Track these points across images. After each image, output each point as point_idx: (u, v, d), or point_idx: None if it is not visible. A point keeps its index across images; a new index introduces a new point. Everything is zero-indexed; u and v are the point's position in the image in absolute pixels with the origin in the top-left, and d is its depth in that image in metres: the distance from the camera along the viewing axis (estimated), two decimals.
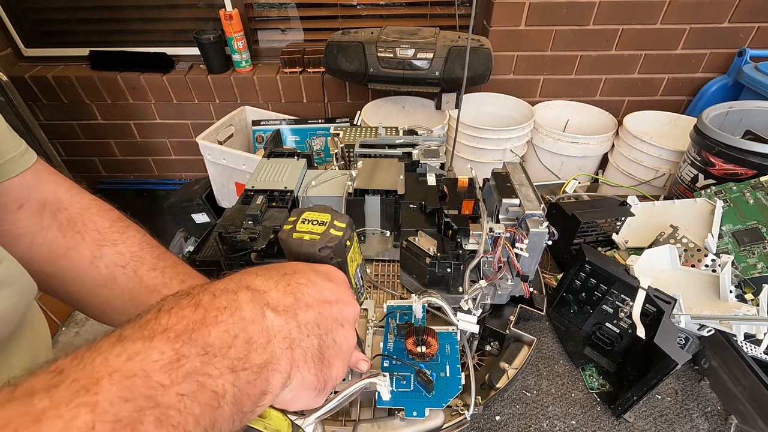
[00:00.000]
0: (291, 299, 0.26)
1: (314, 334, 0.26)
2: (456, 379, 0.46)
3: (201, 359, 0.19)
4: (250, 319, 0.22)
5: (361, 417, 0.48)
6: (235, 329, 0.21)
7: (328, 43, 1.46)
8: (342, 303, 0.29)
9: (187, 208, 1.83)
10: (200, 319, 0.21)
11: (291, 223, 0.35)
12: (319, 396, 0.26)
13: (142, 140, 2.01)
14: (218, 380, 0.19)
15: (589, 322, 0.61)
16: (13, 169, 0.39)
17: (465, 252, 0.54)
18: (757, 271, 0.64)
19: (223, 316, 0.21)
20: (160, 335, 0.19)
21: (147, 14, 1.77)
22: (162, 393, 0.17)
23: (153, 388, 0.17)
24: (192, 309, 0.21)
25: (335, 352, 0.27)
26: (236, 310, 0.22)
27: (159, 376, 0.18)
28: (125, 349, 0.18)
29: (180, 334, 0.19)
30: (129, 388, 0.16)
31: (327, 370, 0.26)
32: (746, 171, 0.87)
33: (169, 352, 0.18)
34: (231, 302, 0.22)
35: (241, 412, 0.21)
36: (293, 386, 0.24)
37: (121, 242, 0.44)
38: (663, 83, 1.77)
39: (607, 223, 0.73)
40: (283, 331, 0.24)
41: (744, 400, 0.52)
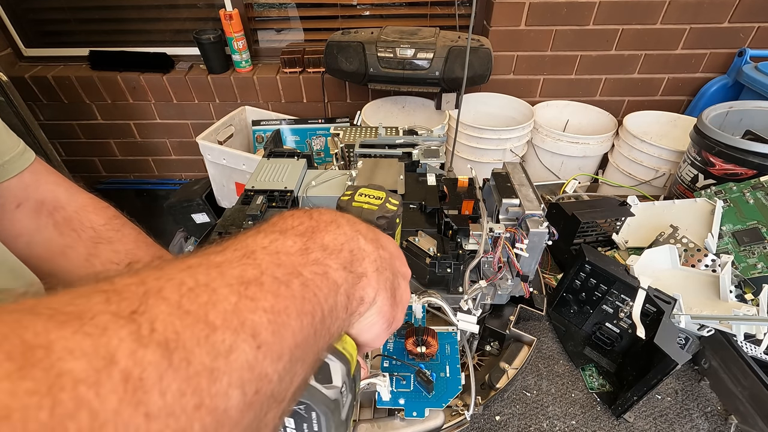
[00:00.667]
0: (374, 235, 0.28)
1: (389, 270, 0.27)
2: (456, 379, 0.46)
3: (322, 253, 0.22)
4: (350, 236, 0.25)
5: (361, 417, 0.48)
6: (341, 239, 0.24)
7: (328, 43, 1.46)
8: (401, 261, 0.31)
9: (187, 208, 1.83)
10: (315, 225, 0.24)
11: (349, 195, 0.39)
12: (387, 331, 0.28)
13: (142, 140, 2.01)
14: (335, 273, 0.22)
15: (589, 322, 0.61)
16: (11, 169, 0.39)
17: (465, 252, 0.54)
18: (757, 271, 0.64)
19: (331, 228, 0.24)
20: (290, 231, 0.22)
21: (147, 14, 1.77)
22: (301, 268, 0.20)
23: (294, 263, 0.20)
24: (308, 217, 0.24)
25: (400, 297, 0.29)
26: (339, 226, 0.25)
27: (296, 257, 0.21)
28: (267, 236, 0.21)
29: (303, 232, 0.23)
30: (278, 259, 0.20)
31: (396, 309, 0.28)
32: (746, 171, 0.87)
33: (299, 242, 0.22)
34: (334, 219, 0.25)
35: (349, 308, 0.23)
36: (374, 310, 0.26)
37: (116, 240, 0.45)
38: (663, 83, 1.77)
39: (607, 223, 0.73)
40: (372, 256, 0.26)
41: (744, 400, 0.52)
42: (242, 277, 0.17)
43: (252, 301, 0.17)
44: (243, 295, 0.17)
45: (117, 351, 0.12)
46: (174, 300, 0.15)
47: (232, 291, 0.16)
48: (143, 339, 0.13)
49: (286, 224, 0.23)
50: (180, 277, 0.16)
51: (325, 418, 0.23)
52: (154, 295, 0.14)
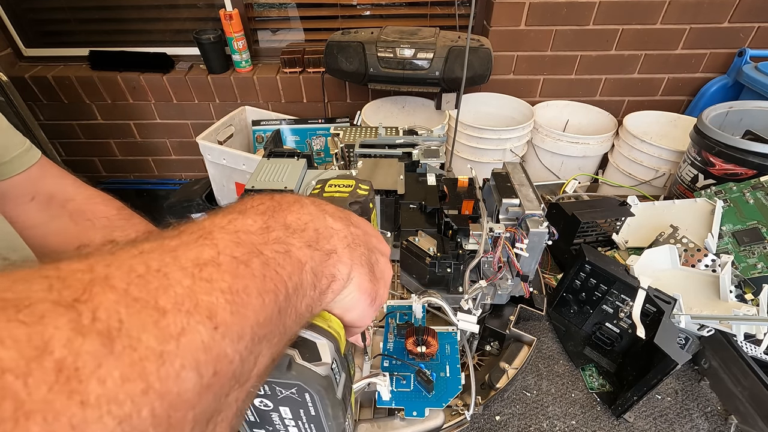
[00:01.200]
0: (343, 214, 0.27)
1: (365, 247, 0.27)
2: (456, 379, 0.46)
3: (284, 232, 0.22)
4: (315, 215, 0.25)
5: (361, 417, 0.48)
6: (305, 218, 0.24)
7: (328, 43, 1.46)
8: (377, 238, 0.30)
9: (187, 208, 1.83)
10: (277, 205, 0.23)
11: (318, 188, 0.38)
12: (371, 306, 0.27)
13: (142, 140, 2.01)
14: (299, 251, 0.22)
15: (589, 322, 0.61)
16: (19, 165, 0.41)
17: (465, 252, 0.54)
18: (757, 271, 0.64)
19: (294, 207, 0.24)
20: (250, 210, 0.22)
21: (147, 14, 1.77)
22: (262, 246, 0.20)
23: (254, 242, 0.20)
24: (269, 198, 0.24)
25: (380, 271, 0.28)
26: (303, 206, 0.25)
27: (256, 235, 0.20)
28: (225, 216, 0.21)
29: (264, 212, 0.22)
30: (237, 237, 0.19)
31: (377, 284, 0.28)
32: (746, 171, 0.87)
33: (259, 221, 0.21)
34: (298, 200, 0.25)
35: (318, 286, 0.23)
36: (353, 287, 0.26)
37: (129, 227, 0.47)
38: (663, 83, 1.77)
39: (607, 223, 0.73)
40: (342, 233, 0.25)
41: (744, 400, 0.52)
42: (198, 259, 0.17)
43: (208, 282, 0.16)
44: (198, 278, 0.16)
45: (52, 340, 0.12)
46: (121, 288, 0.14)
47: (186, 274, 0.16)
48: (83, 328, 0.13)
49: (246, 204, 0.23)
50: (131, 263, 0.16)
51: (319, 396, 0.22)
52: (100, 283, 0.14)
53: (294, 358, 0.22)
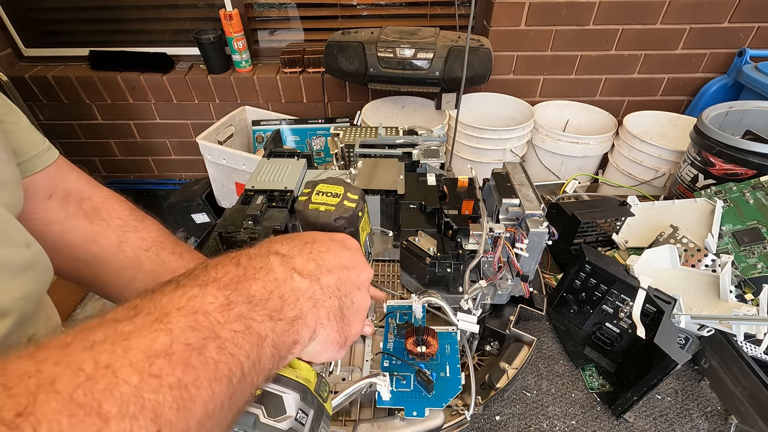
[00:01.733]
0: (314, 265, 0.28)
1: (335, 296, 0.28)
2: (456, 379, 0.46)
3: (246, 306, 0.22)
4: (281, 280, 0.25)
5: (361, 417, 0.48)
6: (270, 286, 0.24)
7: (328, 43, 1.46)
8: (358, 268, 0.32)
9: (187, 208, 1.83)
10: (242, 274, 0.23)
11: (306, 194, 0.37)
12: (340, 350, 0.29)
13: (142, 140, 2.01)
14: (261, 325, 0.22)
15: (589, 322, 0.61)
16: (39, 163, 0.42)
17: (465, 252, 0.54)
18: (757, 271, 0.64)
19: (260, 275, 0.24)
20: (212, 284, 0.22)
21: (147, 14, 1.77)
22: (219, 328, 0.20)
23: (212, 323, 0.20)
24: (234, 266, 0.24)
25: (354, 312, 0.30)
26: (270, 271, 0.25)
27: (215, 314, 0.20)
28: (185, 293, 0.21)
29: (227, 284, 0.22)
30: (194, 321, 0.19)
31: (347, 328, 0.29)
32: (746, 171, 0.87)
33: (221, 297, 0.21)
34: (265, 264, 0.25)
35: (278, 355, 0.23)
36: (319, 340, 0.27)
37: (141, 228, 0.48)
38: (663, 83, 1.77)
39: (607, 223, 0.73)
40: (308, 292, 0.26)
41: (744, 400, 0.52)
42: (150, 350, 0.17)
43: (156, 378, 0.16)
44: (146, 373, 0.16)
45: None
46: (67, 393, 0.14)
47: (135, 370, 0.16)
48: None
49: (209, 276, 0.23)
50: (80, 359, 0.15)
51: None
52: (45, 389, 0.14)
53: (258, 418, 0.23)
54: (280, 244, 0.29)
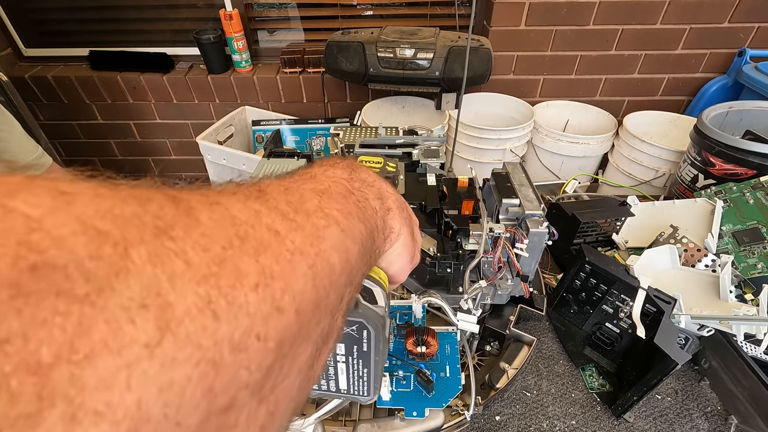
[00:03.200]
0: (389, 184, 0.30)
1: (407, 211, 0.31)
2: (456, 379, 0.46)
3: (361, 184, 0.25)
4: (375, 177, 0.28)
5: (361, 417, 0.48)
6: (371, 178, 0.27)
7: (328, 43, 1.46)
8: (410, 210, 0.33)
9: None
10: (352, 164, 0.27)
11: None
12: (409, 264, 0.31)
13: (142, 140, 2.01)
14: (373, 201, 0.25)
15: (589, 322, 0.61)
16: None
17: (465, 252, 0.54)
18: (757, 271, 0.64)
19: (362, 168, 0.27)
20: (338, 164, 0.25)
21: (147, 14, 1.77)
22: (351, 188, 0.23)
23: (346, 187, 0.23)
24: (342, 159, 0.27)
25: (417, 235, 0.32)
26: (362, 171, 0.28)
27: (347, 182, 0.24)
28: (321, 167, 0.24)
29: (346, 167, 0.26)
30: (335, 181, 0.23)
31: (415, 245, 0.31)
32: (746, 171, 0.87)
33: (346, 173, 0.25)
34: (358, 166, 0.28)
35: (384, 234, 0.26)
36: (400, 242, 0.29)
37: None
38: (663, 83, 1.77)
39: (607, 223, 0.73)
40: (393, 196, 0.29)
41: (744, 400, 0.52)
42: (315, 189, 0.21)
43: (328, 202, 0.20)
44: (322, 198, 0.20)
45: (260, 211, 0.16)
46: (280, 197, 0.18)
47: (314, 195, 0.20)
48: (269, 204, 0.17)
49: (332, 161, 0.26)
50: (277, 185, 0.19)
51: (375, 332, 0.26)
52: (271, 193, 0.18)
53: (360, 300, 0.26)
54: None
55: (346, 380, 0.29)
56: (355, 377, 0.28)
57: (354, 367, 0.28)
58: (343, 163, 0.26)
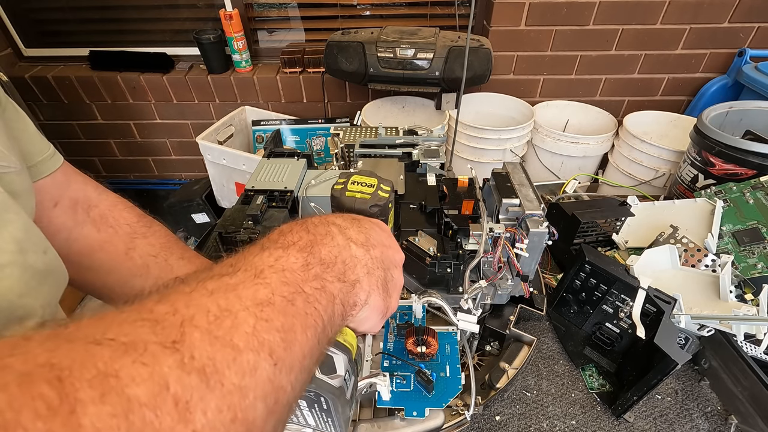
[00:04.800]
0: (364, 237, 0.30)
1: (381, 268, 0.30)
2: (456, 379, 0.46)
3: (320, 267, 0.24)
4: (342, 246, 0.28)
5: (361, 417, 0.48)
6: (335, 251, 0.27)
7: (328, 43, 1.46)
8: (393, 248, 0.34)
9: (187, 208, 1.83)
10: (312, 240, 0.26)
11: (342, 183, 0.40)
12: (382, 320, 0.31)
13: (142, 140, 2.01)
14: (332, 285, 0.24)
15: (589, 322, 0.61)
16: (44, 169, 0.42)
17: (465, 252, 0.54)
18: (757, 271, 0.64)
19: (326, 240, 0.27)
20: (291, 247, 0.25)
21: (147, 14, 1.77)
22: (303, 284, 0.22)
23: (297, 280, 0.22)
24: (305, 232, 0.26)
25: (393, 286, 0.32)
26: (333, 238, 0.27)
27: (298, 273, 0.23)
28: (271, 254, 0.23)
29: (303, 247, 0.25)
30: (284, 277, 0.22)
31: (389, 299, 0.31)
32: (746, 171, 0.87)
33: (300, 259, 0.24)
34: (327, 231, 0.28)
35: (344, 314, 0.26)
36: (368, 307, 0.29)
37: (150, 234, 0.48)
38: (663, 83, 1.77)
39: (607, 223, 0.73)
40: (363, 261, 0.29)
41: (744, 400, 0.52)
42: (255, 299, 0.20)
43: (267, 322, 0.19)
44: (259, 318, 0.19)
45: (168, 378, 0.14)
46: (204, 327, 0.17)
47: (250, 314, 0.19)
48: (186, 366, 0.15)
49: (287, 240, 0.25)
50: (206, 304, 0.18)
51: (332, 401, 0.26)
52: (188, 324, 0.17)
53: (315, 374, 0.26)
54: (334, 217, 0.31)
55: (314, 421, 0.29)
56: (321, 422, 0.29)
57: (318, 415, 0.28)
58: (303, 240, 0.25)
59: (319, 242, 0.26)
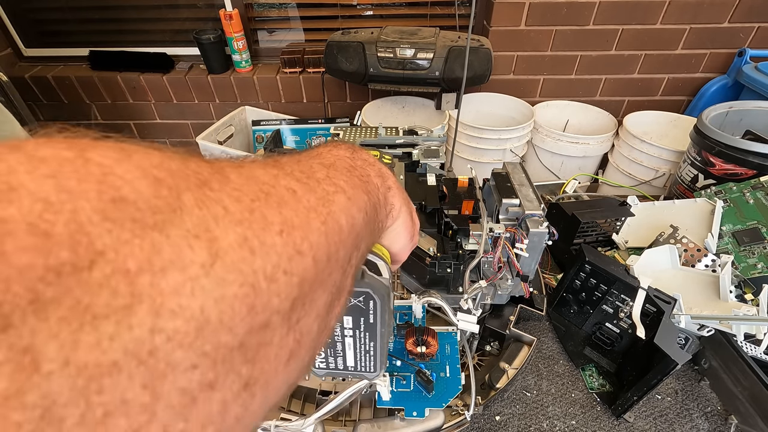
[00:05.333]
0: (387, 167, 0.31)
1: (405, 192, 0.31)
2: (456, 379, 0.46)
3: (363, 162, 0.26)
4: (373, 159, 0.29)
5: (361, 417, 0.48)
6: (370, 159, 0.28)
7: (328, 43, 1.46)
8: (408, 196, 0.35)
9: None
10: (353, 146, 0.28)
11: None
12: (410, 243, 0.32)
13: (142, 140, 2.00)
14: (374, 179, 0.26)
15: (589, 322, 0.61)
16: None
17: (465, 252, 0.54)
18: (757, 271, 0.64)
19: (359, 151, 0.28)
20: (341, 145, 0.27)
21: (147, 14, 1.77)
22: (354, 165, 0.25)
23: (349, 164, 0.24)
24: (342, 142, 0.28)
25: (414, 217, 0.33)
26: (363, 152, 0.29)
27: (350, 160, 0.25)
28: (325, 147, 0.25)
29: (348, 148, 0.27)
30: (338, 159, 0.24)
31: (414, 225, 0.32)
32: (746, 171, 0.87)
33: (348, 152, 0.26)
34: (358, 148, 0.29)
35: (385, 210, 0.27)
36: (400, 221, 0.29)
37: None
38: (663, 83, 1.77)
39: (607, 223, 0.73)
40: (392, 178, 0.30)
41: (744, 400, 0.52)
42: (323, 163, 0.22)
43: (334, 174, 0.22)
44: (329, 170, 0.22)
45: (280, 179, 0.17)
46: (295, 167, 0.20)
47: (322, 167, 0.21)
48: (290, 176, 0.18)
49: (335, 143, 0.28)
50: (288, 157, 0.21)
51: (381, 302, 0.27)
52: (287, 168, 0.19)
53: (365, 271, 0.27)
54: None
55: (354, 356, 0.30)
56: (362, 352, 0.30)
57: (361, 341, 0.29)
58: (345, 145, 0.28)
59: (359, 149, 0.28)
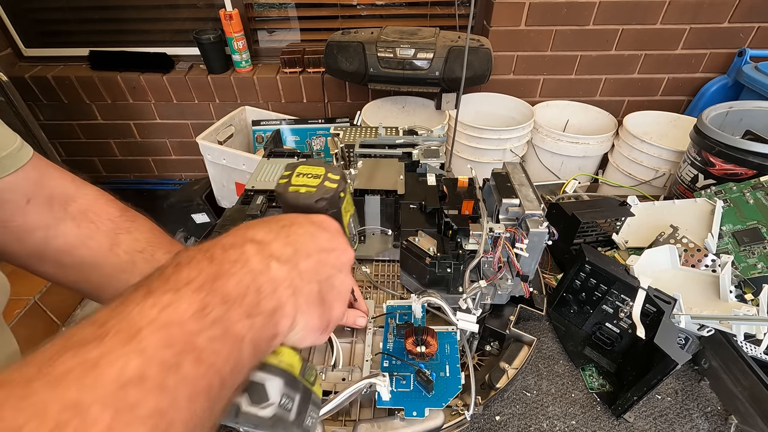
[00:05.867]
0: (291, 250, 0.27)
1: (314, 281, 0.28)
2: (456, 379, 0.46)
3: (222, 307, 0.21)
4: (258, 271, 0.24)
5: (361, 417, 0.48)
6: (246, 280, 0.23)
7: (328, 43, 1.46)
8: (337, 250, 0.31)
9: (187, 208, 1.83)
10: (216, 271, 0.22)
11: (286, 177, 0.36)
12: (323, 335, 0.29)
13: (142, 140, 2.01)
14: (238, 325, 0.21)
15: (589, 322, 0.61)
16: (11, 164, 0.38)
17: (465, 252, 0.54)
18: (757, 271, 0.64)
19: (235, 269, 0.23)
20: (185, 287, 0.21)
21: (147, 14, 1.77)
22: (195, 337, 0.19)
23: (187, 334, 0.19)
24: (207, 262, 0.23)
25: (334, 295, 0.30)
26: (245, 263, 0.24)
27: (190, 324, 0.19)
28: (157, 302, 0.20)
29: (202, 285, 0.21)
30: (168, 336, 0.18)
31: (328, 312, 0.29)
32: (746, 171, 0.87)
33: (195, 302, 0.20)
34: (240, 255, 0.24)
35: (257, 352, 0.23)
36: (299, 329, 0.26)
37: (134, 229, 0.46)
38: (663, 83, 1.77)
39: (607, 223, 0.73)
40: (287, 280, 0.25)
41: (744, 400, 0.52)
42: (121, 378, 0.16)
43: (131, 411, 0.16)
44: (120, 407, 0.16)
45: None
46: None
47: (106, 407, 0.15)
48: None
49: (182, 277, 0.22)
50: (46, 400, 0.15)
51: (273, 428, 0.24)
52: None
53: (241, 406, 0.23)
54: (256, 230, 0.27)
55: None
56: None
57: None
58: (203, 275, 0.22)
59: (225, 273, 0.23)
